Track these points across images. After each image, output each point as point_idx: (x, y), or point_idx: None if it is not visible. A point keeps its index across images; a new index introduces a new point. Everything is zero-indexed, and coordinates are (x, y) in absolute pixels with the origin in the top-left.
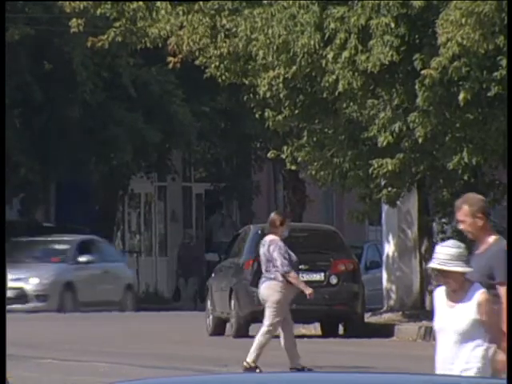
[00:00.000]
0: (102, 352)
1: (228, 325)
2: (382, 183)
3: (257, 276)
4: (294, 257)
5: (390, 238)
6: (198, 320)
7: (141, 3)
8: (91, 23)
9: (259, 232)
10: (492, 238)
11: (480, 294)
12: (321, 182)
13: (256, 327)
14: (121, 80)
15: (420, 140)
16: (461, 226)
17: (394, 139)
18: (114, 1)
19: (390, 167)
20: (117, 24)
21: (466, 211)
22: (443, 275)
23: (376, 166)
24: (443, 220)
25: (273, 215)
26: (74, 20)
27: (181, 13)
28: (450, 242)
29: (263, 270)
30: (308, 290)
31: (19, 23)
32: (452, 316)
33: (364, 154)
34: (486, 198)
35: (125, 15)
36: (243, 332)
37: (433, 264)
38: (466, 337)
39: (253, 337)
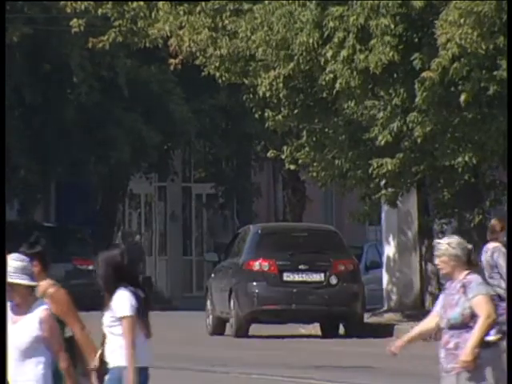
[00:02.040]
0: None
1: (228, 325)
2: (382, 183)
3: None
4: None
5: (390, 238)
6: (198, 320)
7: (141, 3)
8: (90, 23)
9: (259, 232)
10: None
11: (42, 311)
12: (321, 183)
13: (256, 327)
14: (118, 80)
15: (419, 140)
16: None
17: (392, 138)
18: (114, 0)
19: (389, 167)
20: (117, 23)
21: None
22: (9, 288)
23: (376, 166)
24: (443, 220)
25: (493, 221)
26: (75, 20)
27: (181, 13)
28: (15, 256)
29: (486, 277)
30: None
31: (18, 23)
32: (14, 332)
33: (364, 154)
34: (486, 198)
35: (125, 15)
36: (243, 332)
37: None
38: (27, 354)
39: (252, 337)
